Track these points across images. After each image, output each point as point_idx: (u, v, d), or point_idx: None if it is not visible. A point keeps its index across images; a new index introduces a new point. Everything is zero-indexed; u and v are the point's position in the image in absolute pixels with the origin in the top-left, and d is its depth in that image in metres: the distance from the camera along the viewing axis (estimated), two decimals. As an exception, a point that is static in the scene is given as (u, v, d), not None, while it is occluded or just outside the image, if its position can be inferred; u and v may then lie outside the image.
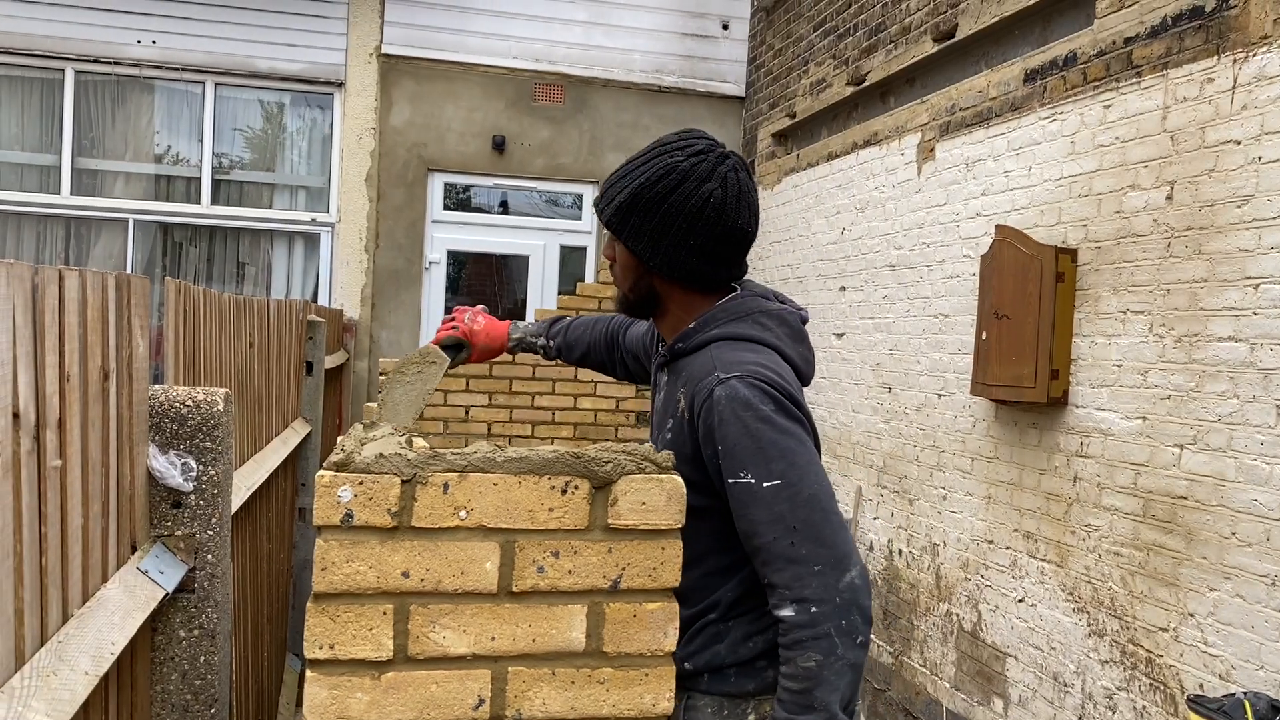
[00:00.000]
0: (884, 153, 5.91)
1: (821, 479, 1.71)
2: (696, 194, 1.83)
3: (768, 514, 1.68)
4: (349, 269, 7.74)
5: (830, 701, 1.64)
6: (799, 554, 1.66)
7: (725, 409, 1.71)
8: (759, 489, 1.68)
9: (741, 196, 1.87)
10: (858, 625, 1.66)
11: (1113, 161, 4.00)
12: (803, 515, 1.66)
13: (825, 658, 1.64)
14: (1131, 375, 3.84)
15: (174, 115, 7.70)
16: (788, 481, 1.67)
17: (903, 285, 5.59)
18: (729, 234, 1.86)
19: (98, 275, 1.54)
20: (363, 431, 1.46)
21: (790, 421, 1.72)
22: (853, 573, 1.67)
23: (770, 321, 1.89)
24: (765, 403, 1.71)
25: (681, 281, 1.91)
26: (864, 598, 1.68)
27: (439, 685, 1.39)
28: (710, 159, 1.86)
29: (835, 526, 1.68)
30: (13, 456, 1.24)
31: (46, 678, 1.29)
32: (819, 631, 1.64)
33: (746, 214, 1.88)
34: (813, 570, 1.65)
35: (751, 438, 1.69)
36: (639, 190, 1.86)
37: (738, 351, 1.81)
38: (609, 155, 8.07)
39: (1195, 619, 3.48)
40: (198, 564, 1.88)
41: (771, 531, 1.67)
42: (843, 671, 1.65)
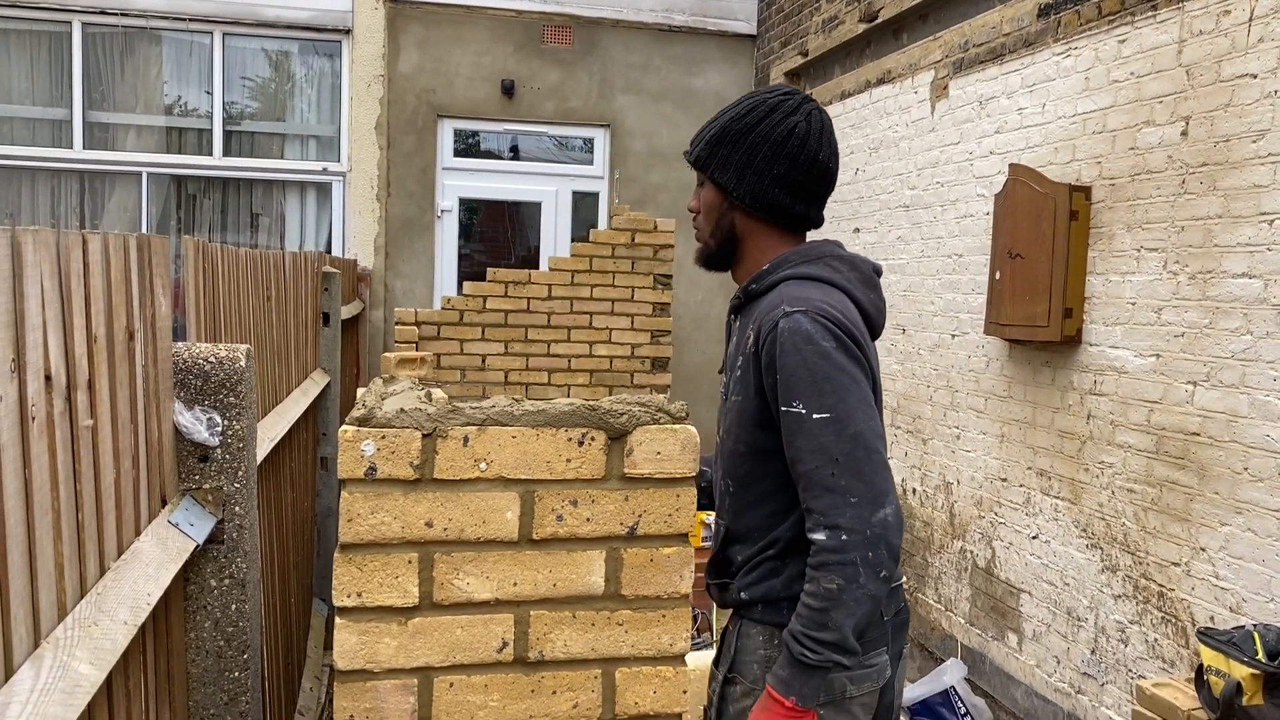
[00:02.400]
0: (897, 91, 5.85)
1: (870, 418, 1.79)
2: (782, 125, 1.93)
3: (813, 444, 1.75)
4: (361, 218, 7.75)
5: (844, 624, 1.73)
6: (838, 484, 1.73)
7: (787, 340, 1.79)
8: (808, 419, 1.76)
9: (824, 132, 1.96)
10: (884, 559, 1.74)
11: (1127, 97, 3.96)
12: (846, 449, 1.74)
13: (847, 583, 1.72)
14: (1145, 313, 3.84)
15: (182, 66, 7.68)
16: (836, 416, 1.75)
17: (916, 225, 5.57)
18: (811, 165, 1.94)
19: (119, 237, 1.57)
20: (383, 386, 1.50)
21: (848, 359, 1.79)
22: (887, 510, 1.74)
23: (841, 265, 1.96)
24: (825, 338, 1.78)
25: (762, 215, 1.98)
26: (894, 535, 1.75)
27: (464, 629, 1.44)
28: (796, 98, 1.96)
29: (876, 465, 1.76)
30: (47, 417, 1.28)
31: (88, 628, 1.35)
32: (846, 558, 1.72)
33: (828, 150, 1.96)
34: (849, 501, 1.73)
35: (808, 369, 1.76)
36: (728, 124, 1.96)
37: (806, 289, 1.87)
38: (619, 97, 8.01)
39: (1207, 553, 3.51)
40: (226, 516, 1.93)
41: (815, 460, 1.75)
42: (862, 600, 1.73)
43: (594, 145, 8.19)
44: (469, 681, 1.45)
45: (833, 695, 1.89)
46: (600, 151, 8.17)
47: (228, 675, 1.96)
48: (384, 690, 1.42)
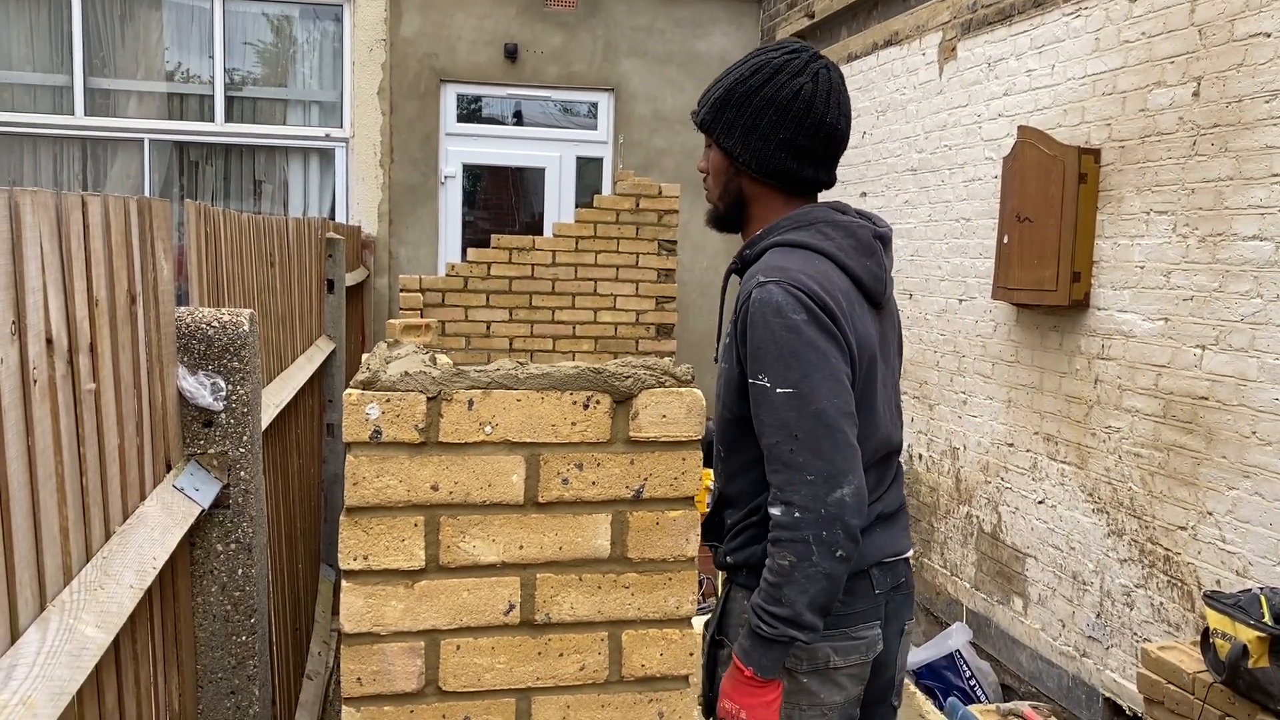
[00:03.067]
0: (905, 53, 5.79)
1: (836, 395, 1.73)
2: (788, 87, 1.86)
3: (775, 418, 1.74)
4: (365, 185, 7.71)
5: (796, 601, 1.72)
6: (795, 461, 1.72)
7: (757, 311, 1.76)
8: (772, 393, 1.74)
9: (832, 93, 1.89)
10: (839, 539, 1.71)
11: (1138, 58, 3.91)
12: (807, 426, 1.71)
13: (799, 560, 1.72)
14: (1154, 276, 3.81)
15: (183, 31, 7.61)
16: (799, 391, 1.72)
17: (924, 189, 5.53)
18: (818, 128, 1.87)
19: (120, 200, 1.56)
20: (387, 350, 1.49)
21: (819, 333, 1.74)
22: (844, 490, 1.71)
23: (834, 231, 1.89)
24: (797, 311, 1.73)
25: (769, 180, 1.93)
26: (850, 515, 1.72)
27: (470, 592, 1.44)
28: (803, 57, 1.89)
29: (838, 443, 1.72)
30: (49, 381, 1.27)
31: (94, 591, 1.35)
32: (798, 535, 1.72)
33: (836, 111, 1.89)
34: (805, 479, 1.71)
35: (775, 343, 1.73)
36: (732, 85, 1.90)
37: (787, 257, 1.83)
38: (624, 61, 7.94)
39: (1214, 517, 3.51)
40: (231, 480, 1.93)
41: (776, 435, 1.74)
42: (815, 578, 1.71)
43: (598, 110, 8.13)
44: (476, 644, 1.45)
45: (816, 665, 1.89)
46: (604, 116, 8.11)
47: (235, 639, 1.96)
48: (391, 653, 1.42)
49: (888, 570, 1.96)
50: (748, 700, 1.79)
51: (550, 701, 1.49)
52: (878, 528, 1.95)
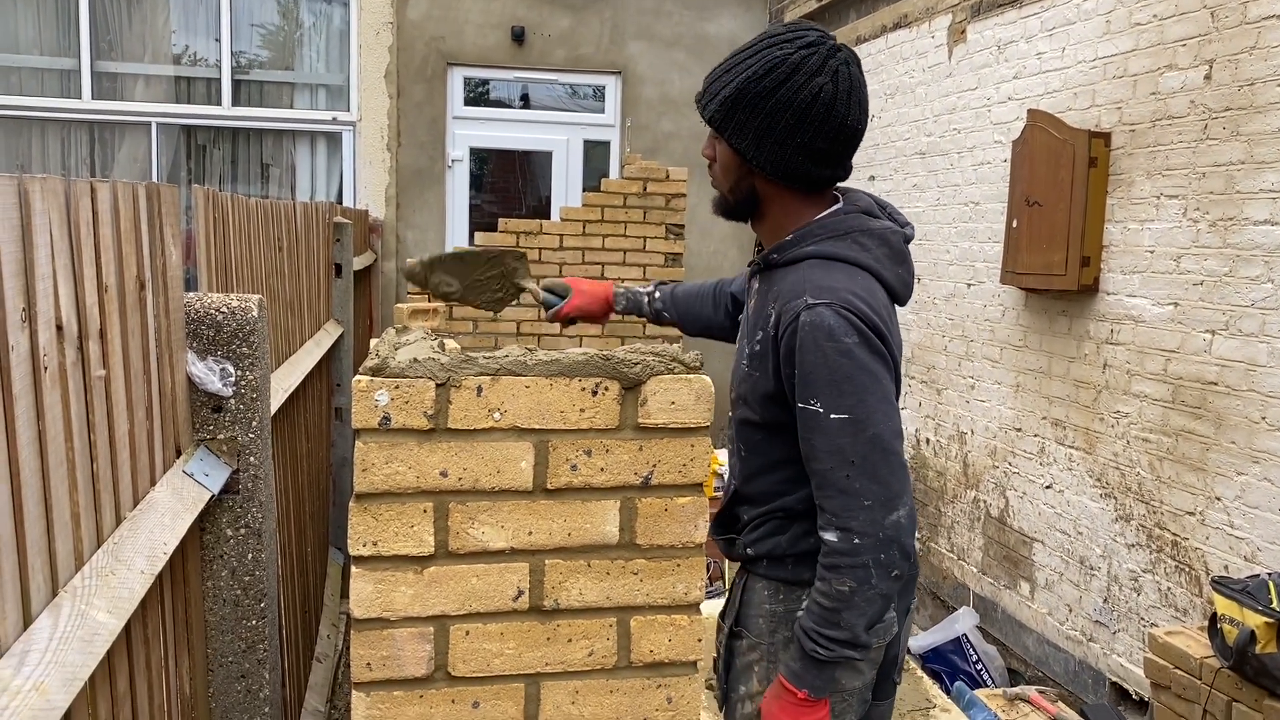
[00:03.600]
0: (914, 35, 5.75)
1: (890, 418, 1.71)
2: (806, 89, 1.74)
3: (829, 444, 1.69)
4: (372, 168, 7.70)
5: (856, 624, 1.72)
6: (852, 487, 1.69)
7: (808, 335, 1.69)
8: (825, 419, 1.69)
9: (853, 92, 1.78)
10: (895, 560, 1.71)
11: (1149, 40, 3.88)
12: (862, 452, 1.68)
13: (860, 585, 1.70)
14: (1164, 261, 3.79)
15: (190, 14, 7.60)
16: (854, 418, 1.68)
17: (932, 173, 5.51)
18: (838, 131, 1.77)
19: (128, 186, 1.56)
20: (396, 336, 1.49)
21: (871, 356, 1.70)
22: (900, 512, 1.70)
23: (870, 241, 1.82)
24: (849, 334, 1.68)
25: (784, 182, 1.84)
26: (906, 537, 1.71)
27: (479, 578, 1.44)
28: (821, 51, 1.76)
29: (893, 466, 1.70)
30: (59, 367, 1.27)
31: (105, 577, 1.35)
32: (858, 561, 1.69)
33: (857, 110, 1.79)
34: (862, 504, 1.69)
35: (828, 368, 1.68)
36: (745, 84, 1.78)
37: (831, 273, 1.76)
38: (631, 44, 7.90)
39: (1222, 503, 3.50)
40: (241, 466, 1.94)
41: (830, 460, 1.70)
42: (873, 600, 1.71)
43: (605, 93, 8.10)
44: (485, 630, 1.45)
45: None
46: (612, 99, 8.08)
47: (245, 623, 1.97)
48: (400, 638, 1.43)
49: None
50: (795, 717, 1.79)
51: (559, 687, 1.49)
52: None
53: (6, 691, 1.04)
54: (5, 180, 1.11)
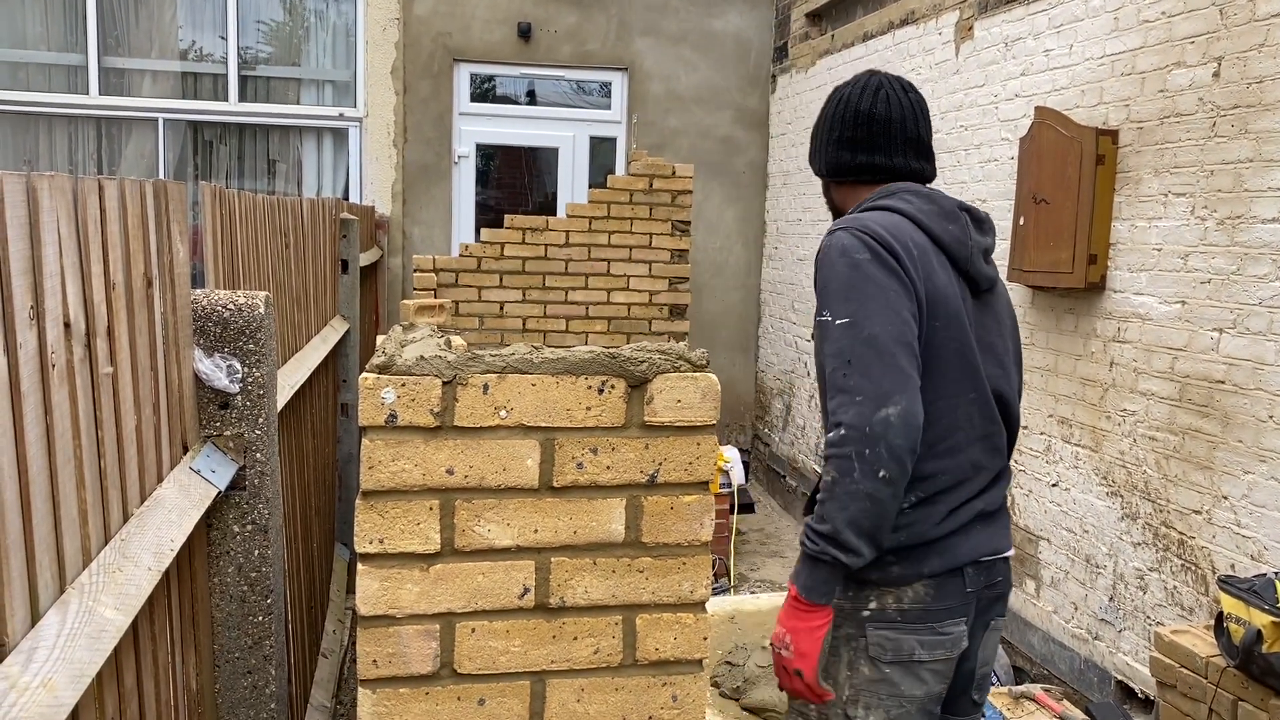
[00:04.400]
0: (921, 32, 5.74)
1: (890, 323, 1.79)
2: (833, 99, 2.12)
3: (833, 348, 1.81)
4: (378, 164, 7.71)
5: (835, 517, 1.74)
6: (847, 384, 1.77)
7: (824, 255, 1.89)
8: (832, 325, 1.82)
9: (868, 89, 2.07)
10: (881, 458, 1.72)
11: (1158, 38, 3.87)
12: (859, 351, 1.77)
13: (841, 477, 1.74)
14: (1171, 259, 3.78)
15: (197, 10, 7.60)
16: (854, 320, 1.79)
17: (940, 170, 5.48)
18: (855, 117, 2.05)
19: (136, 184, 1.56)
20: (402, 334, 1.49)
21: (880, 269, 1.83)
22: (889, 410, 1.73)
23: (914, 197, 2.00)
24: (861, 251, 1.84)
25: (839, 178, 2.12)
26: (896, 436, 1.73)
27: (485, 576, 1.45)
28: (863, 77, 2.11)
29: (886, 366, 1.77)
30: (67, 365, 1.28)
31: (113, 573, 1.36)
32: (842, 452, 1.75)
33: (871, 99, 2.06)
34: (854, 400, 1.76)
35: (838, 279, 1.84)
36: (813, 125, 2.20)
37: (860, 213, 1.97)
38: (637, 40, 7.90)
39: (1229, 501, 3.50)
40: (247, 462, 1.94)
41: (833, 363, 1.81)
42: (856, 495, 1.73)
43: (612, 89, 8.09)
44: (491, 627, 1.46)
45: (901, 656, 1.89)
46: (618, 95, 8.07)
47: (251, 619, 1.98)
48: (406, 635, 1.43)
49: (983, 569, 1.96)
50: (794, 624, 1.79)
51: (565, 684, 1.49)
52: (977, 526, 1.95)
53: (15, 688, 1.05)
54: (13, 179, 1.11)
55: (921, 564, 1.88)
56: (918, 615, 1.84)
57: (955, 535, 1.91)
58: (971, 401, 1.93)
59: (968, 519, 1.89)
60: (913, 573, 1.88)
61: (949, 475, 1.91)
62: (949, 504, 1.91)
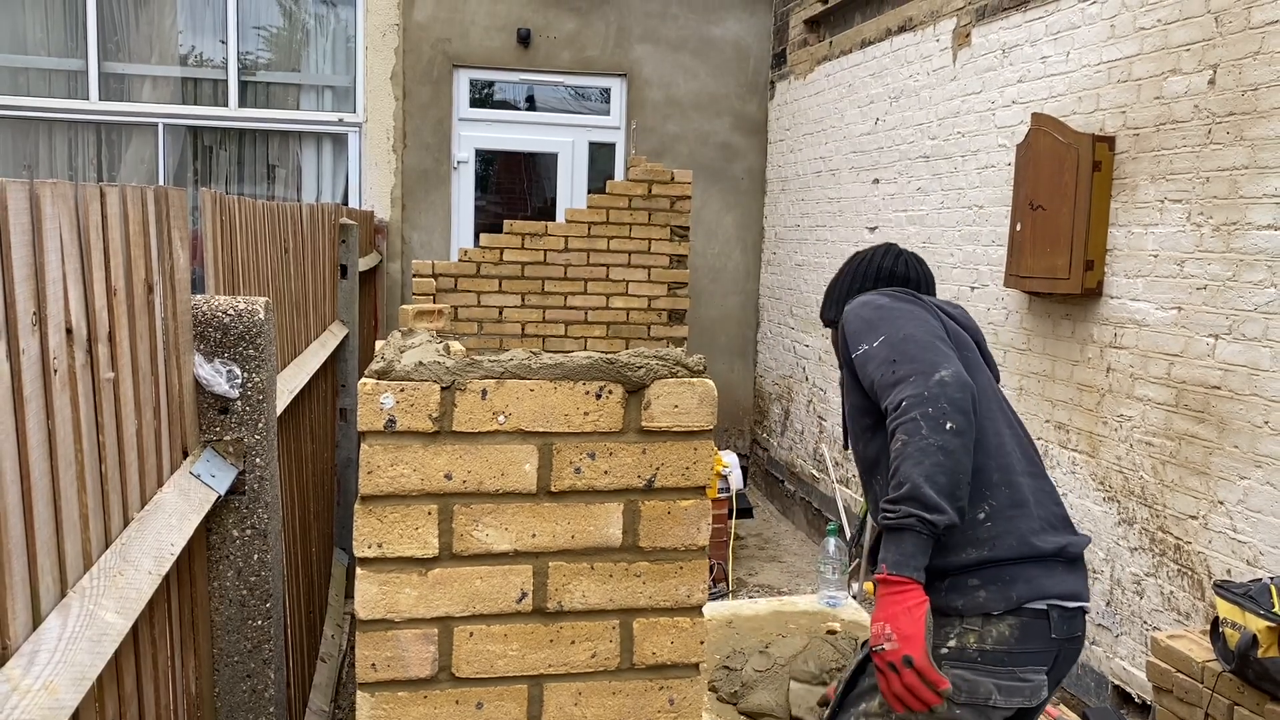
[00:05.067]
0: (918, 39, 5.76)
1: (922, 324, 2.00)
2: (856, 259, 2.41)
3: (876, 360, 1.97)
4: (378, 170, 7.72)
5: (913, 474, 1.77)
6: (898, 374, 1.89)
7: (850, 312, 2.13)
8: (870, 349, 1.99)
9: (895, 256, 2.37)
10: (945, 411, 1.81)
11: (1154, 45, 3.89)
12: (899, 348, 1.94)
13: (910, 437, 1.80)
14: (1168, 265, 3.80)
15: (197, 16, 7.62)
16: (887, 336, 1.98)
17: (937, 176, 5.51)
18: (879, 271, 2.34)
19: (137, 190, 1.57)
20: (401, 339, 1.50)
21: (902, 303, 2.09)
22: (942, 373, 1.86)
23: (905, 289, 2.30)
24: (880, 298, 2.13)
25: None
26: (954, 390, 1.84)
27: (483, 580, 1.46)
28: (881, 246, 2.41)
29: (926, 347, 1.93)
30: (69, 370, 1.29)
31: (114, 577, 1.37)
32: (908, 417, 1.82)
33: (893, 260, 2.36)
34: (909, 380, 1.87)
35: (864, 320, 2.05)
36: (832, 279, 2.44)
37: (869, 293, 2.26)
38: (636, 46, 7.92)
39: (1225, 507, 3.51)
40: (247, 467, 1.95)
41: (879, 371, 1.94)
42: (927, 450, 1.76)
43: (610, 95, 8.11)
44: (489, 631, 1.47)
45: (976, 698, 1.85)
46: (617, 101, 8.09)
47: (251, 624, 1.99)
48: (405, 639, 1.44)
49: (1067, 619, 1.92)
50: (890, 610, 1.75)
51: (562, 688, 1.50)
52: (1060, 566, 1.93)
53: (17, 691, 1.06)
54: (17, 186, 1.12)
55: (1009, 588, 1.86)
56: (999, 658, 1.82)
57: (1038, 565, 1.89)
58: (1009, 437, 2.05)
59: (1049, 550, 1.89)
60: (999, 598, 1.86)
61: (1011, 490, 1.94)
62: (1025, 523, 1.92)
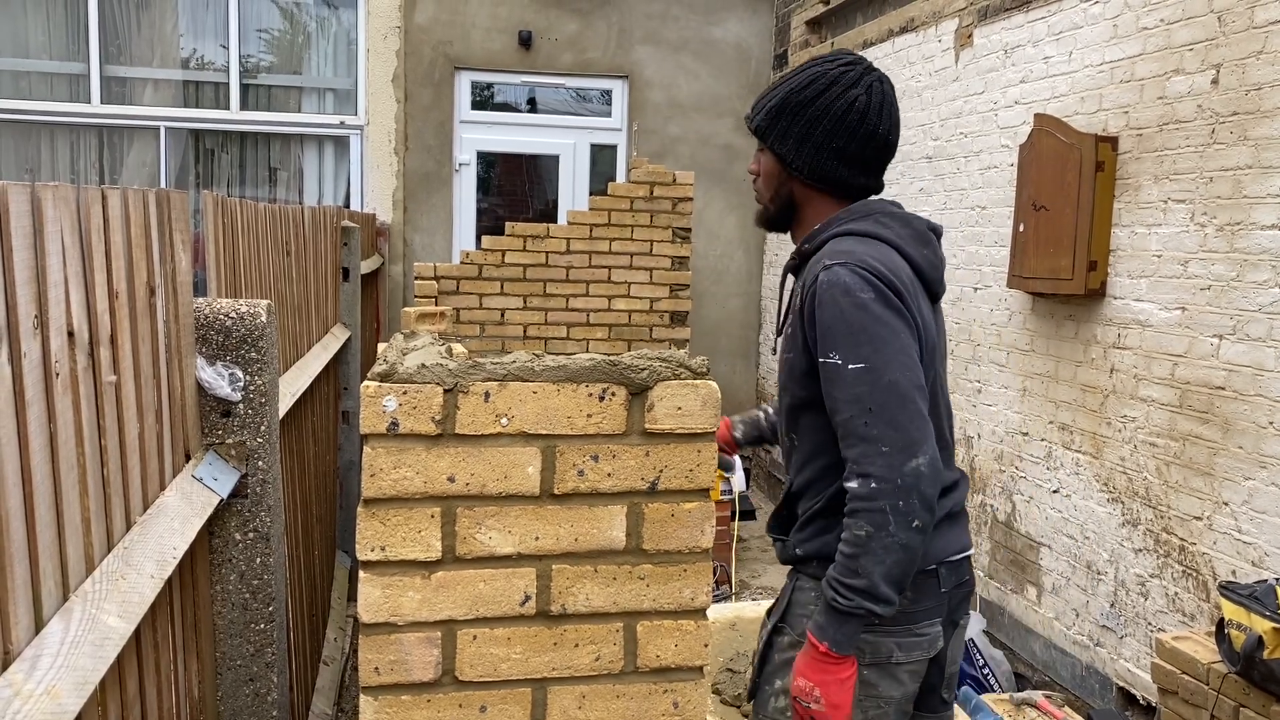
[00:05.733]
0: (920, 40, 5.76)
1: (908, 369, 1.78)
2: (843, 98, 1.93)
3: (848, 394, 1.76)
4: (379, 172, 7.72)
5: (872, 571, 1.73)
6: (870, 434, 1.74)
7: (825, 292, 1.80)
8: (844, 369, 1.77)
9: (885, 105, 1.96)
10: (915, 509, 1.72)
11: (1156, 45, 3.88)
12: (880, 399, 1.74)
13: (876, 530, 1.72)
14: (1171, 265, 3.79)
15: (198, 19, 7.63)
16: (871, 366, 1.75)
17: (939, 177, 5.51)
18: (870, 138, 1.95)
19: (138, 193, 1.57)
20: (404, 342, 1.50)
21: (886, 310, 1.79)
22: (920, 460, 1.73)
23: (892, 221, 1.95)
24: (864, 289, 1.78)
25: (819, 186, 1.99)
26: (926, 485, 1.73)
27: (486, 583, 1.45)
28: (857, 69, 1.96)
29: (911, 414, 1.75)
30: (70, 373, 1.28)
31: (116, 581, 1.36)
32: (875, 505, 1.73)
33: (888, 122, 1.97)
34: (880, 450, 1.73)
35: (844, 321, 1.78)
36: (787, 95, 1.96)
37: (850, 243, 1.89)
38: (638, 48, 7.92)
39: (1229, 507, 3.50)
40: (249, 470, 1.95)
41: (850, 409, 1.76)
42: (891, 548, 1.72)
43: (612, 97, 8.11)
44: (492, 634, 1.46)
45: (879, 658, 1.90)
46: (618, 103, 8.09)
47: (254, 627, 1.98)
48: (408, 643, 1.43)
49: (953, 569, 1.98)
50: (822, 677, 1.78)
51: (566, 691, 1.50)
52: (945, 525, 1.96)
53: (19, 695, 1.05)
54: (18, 189, 1.12)
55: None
56: (895, 617, 1.85)
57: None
58: (944, 421, 1.98)
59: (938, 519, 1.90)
60: None
61: None
62: None
